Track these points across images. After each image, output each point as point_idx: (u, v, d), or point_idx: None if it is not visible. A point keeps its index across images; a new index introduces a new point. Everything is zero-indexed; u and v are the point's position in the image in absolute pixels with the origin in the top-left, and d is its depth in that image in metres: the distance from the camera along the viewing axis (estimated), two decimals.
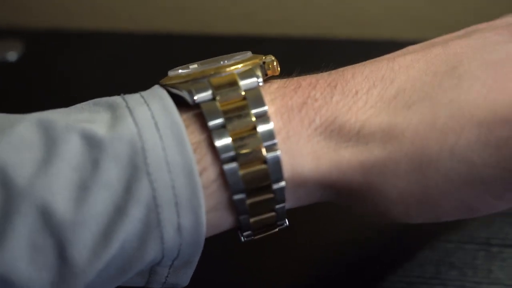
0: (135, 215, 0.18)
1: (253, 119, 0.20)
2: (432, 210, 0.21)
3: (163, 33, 0.47)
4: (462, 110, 0.20)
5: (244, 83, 0.20)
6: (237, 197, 0.20)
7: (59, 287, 0.18)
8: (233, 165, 0.19)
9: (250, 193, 0.20)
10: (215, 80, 0.20)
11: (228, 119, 0.20)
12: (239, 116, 0.20)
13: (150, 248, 0.19)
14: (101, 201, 0.18)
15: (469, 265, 0.29)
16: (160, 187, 0.18)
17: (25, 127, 0.19)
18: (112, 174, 0.18)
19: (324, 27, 0.47)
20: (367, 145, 0.20)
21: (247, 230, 0.21)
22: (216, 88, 0.20)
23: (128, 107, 0.20)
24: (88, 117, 0.20)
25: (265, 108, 0.20)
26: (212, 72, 0.21)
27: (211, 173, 0.20)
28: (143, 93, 0.21)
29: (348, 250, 0.30)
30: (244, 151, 0.19)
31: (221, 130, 0.20)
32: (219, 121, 0.20)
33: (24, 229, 0.18)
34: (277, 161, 0.20)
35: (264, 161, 0.20)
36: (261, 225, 0.21)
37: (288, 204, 0.21)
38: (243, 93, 0.20)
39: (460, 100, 0.20)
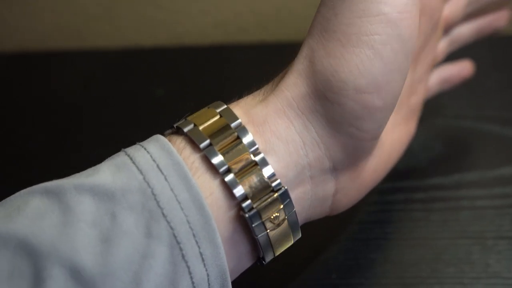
0: (161, 255, 0.20)
1: (235, 133, 0.22)
2: None
3: (134, 48, 0.46)
4: None
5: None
6: (245, 204, 0.21)
7: None
8: (231, 176, 0.21)
9: (253, 197, 0.21)
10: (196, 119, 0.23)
11: (212, 138, 0.22)
12: (222, 132, 0.22)
13: (181, 286, 0.20)
14: (125, 249, 0.19)
15: (464, 261, 0.29)
16: (177, 225, 0.20)
17: (39, 199, 0.20)
18: (130, 222, 0.20)
19: (298, 32, 0.47)
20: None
21: (262, 236, 0.22)
22: (197, 120, 0.23)
23: (127, 154, 0.21)
24: (90, 171, 0.21)
25: (239, 121, 0.22)
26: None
27: (215, 192, 0.21)
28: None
29: (337, 253, 0.30)
30: (235, 163, 0.21)
31: (211, 149, 0.21)
32: (207, 142, 0.22)
33: None
34: (264, 160, 0.22)
35: (255, 163, 0.22)
36: (275, 231, 0.22)
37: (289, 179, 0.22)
38: (218, 116, 0.23)
39: None
